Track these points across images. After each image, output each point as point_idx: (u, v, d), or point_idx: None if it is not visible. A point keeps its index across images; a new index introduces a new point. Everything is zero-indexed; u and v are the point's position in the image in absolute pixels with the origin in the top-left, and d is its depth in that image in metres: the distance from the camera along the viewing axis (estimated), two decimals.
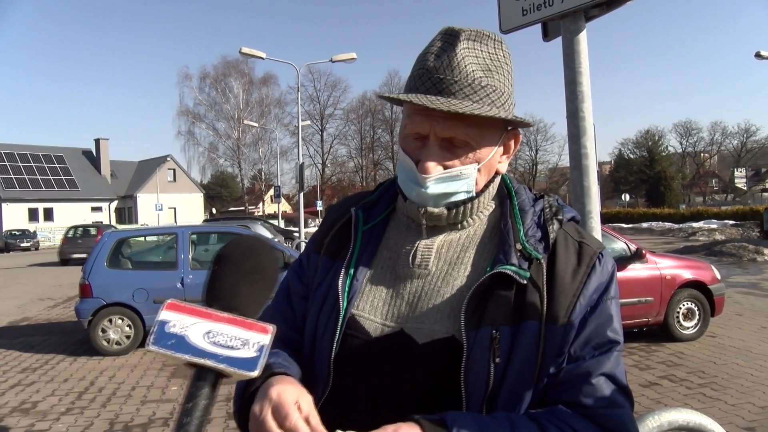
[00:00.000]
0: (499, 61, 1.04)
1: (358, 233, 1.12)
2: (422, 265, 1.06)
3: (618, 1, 2.47)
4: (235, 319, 0.69)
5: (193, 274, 7.98)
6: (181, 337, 0.67)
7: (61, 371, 6.97)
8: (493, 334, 0.95)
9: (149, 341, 0.68)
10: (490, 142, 1.05)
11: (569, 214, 1.09)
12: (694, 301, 7.39)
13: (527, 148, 71.57)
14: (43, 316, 11.19)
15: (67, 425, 5.09)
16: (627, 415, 0.96)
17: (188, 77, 61.65)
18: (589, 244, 1.05)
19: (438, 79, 0.99)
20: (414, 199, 1.07)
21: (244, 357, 0.67)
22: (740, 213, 34.31)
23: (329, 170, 72.47)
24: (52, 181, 51.68)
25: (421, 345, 0.99)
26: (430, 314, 1.01)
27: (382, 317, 1.04)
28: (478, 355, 0.95)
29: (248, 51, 20.04)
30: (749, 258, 17.01)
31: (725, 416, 4.69)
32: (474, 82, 0.99)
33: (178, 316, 0.68)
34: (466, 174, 1.04)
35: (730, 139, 73.74)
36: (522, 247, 1.01)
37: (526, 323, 0.96)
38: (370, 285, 1.08)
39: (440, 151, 1.02)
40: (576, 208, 2.53)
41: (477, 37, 1.03)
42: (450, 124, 0.99)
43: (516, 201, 1.10)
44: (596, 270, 1.02)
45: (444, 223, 1.09)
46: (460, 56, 0.99)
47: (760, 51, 23.44)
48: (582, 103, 2.52)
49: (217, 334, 0.67)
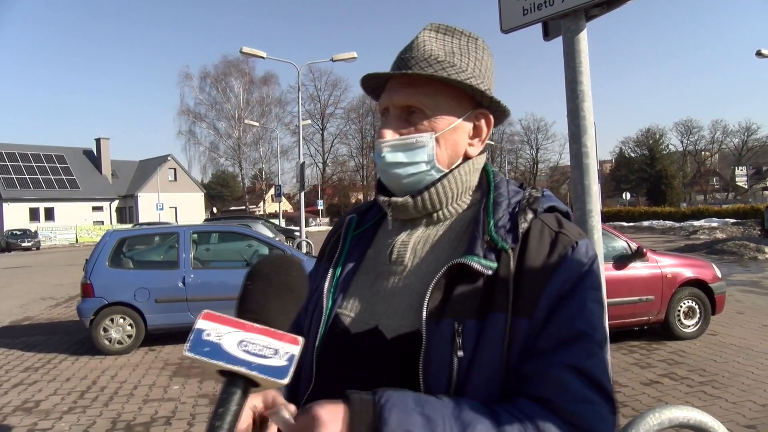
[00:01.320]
0: (467, 49, 1.09)
1: (347, 236, 1.16)
2: (398, 261, 1.07)
3: (618, 1, 2.47)
4: (267, 330, 0.72)
5: (195, 273, 7.99)
6: (216, 345, 0.70)
7: (63, 370, 6.98)
8: (455, 327, 0.92)
9: (186, 348, 0.71)
10: (448, 112, 1.06)
11: (548, 203, 1.05)
12: (695, 299, 7.39)
13: (528, 146, 71.69)
14: (45, 315, 11.20)
15: (70, 424, 5.10)
16: (597, 413, 0.87)
17: (189, 77, 61.86)
18: (567, 234, 1.00)
19: (401, 59, 1.08)
20: (383, 179, 1.11)
21: (275, 365, 0.70)
22: (741, 211, 34.27)
23: (330, 169, 72.55)
24: (53, 180, 51.72)
25: (389, 340, 0.99)
26: (400, 309, 1.01)
27: (361, 314, 1.05)
28: (438, 349, 0.92)
29: (249, 50, 20.03)
30: (750, 256, 16.98)
31: (726, 414, 4.70)
32: (430, 57, 1.05)
33: (214, 325, 0.72)
34: (421, 142, 1.05)
35: (731, 138, 73.88)
36: (489, 238, 0.98)
37: (493, 316, 0.93)
38: (353, 283, 1.10)
39: (398, 121, 1.07)
40: (577, 207, 2.55)
41: (447, 31, 1.10)
42: (405, 92, 1.05)
43: (493, 194, 1.07)
44: (568, 259, 0.96)
45: (415, 214, 1.09)
46: (421, 40, 1.08)
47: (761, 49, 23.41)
48: (582, 102, 2.53)
49: (250, 343, 0.71)
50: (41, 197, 49.74)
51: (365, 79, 1.11)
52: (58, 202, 50.45)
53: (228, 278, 8.17)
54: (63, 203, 50.57)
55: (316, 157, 70.69)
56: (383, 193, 1.12)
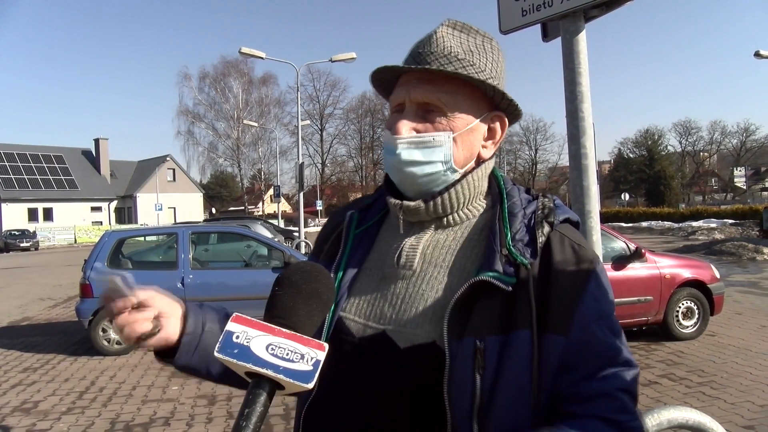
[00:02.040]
0: (484, 49, 1.06)
1: (349, 236, 1.12)
2: (407, 266, 1.04)
3: (617, 2, 2.47)
4: (294, 335, 0.75)
5: (194, 273, 7.98)
6: (245, 347, 0.73)
7: (62, 371, 6.98)
8: (477, 345, 0.91)
9: (216, 349, 0.74)
10: (466, 111, 1.04)
11: (563, 215, 1.03)
12: (693, 300, 7.40)
13: (527, 147, 71.70)
14: (43, 316, 11.19)
15: (68, 425, 5.10)
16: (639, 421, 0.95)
17: (188, 77, 61.85)
18: (587, 249, 1.00)
19: (417, 53, 1.04)
20: (394, 177, 1.08)
21: (300, 370, 0.72)
22: (740, 212, 34.28)
23: (329, 170, 72.59)
24: (52, 181, 51.68)
25: (403, 349, 0.97)
26: (412, 318, 0.99)
27: (366, 318, 1.03)
28: (461, 367, 0.91)
29: (248, 51, 20.04)
30: (749, 257, 17.01)
31: (724, 415, 4.70)
32: (450, 54, 1.02)
33: (243, 328, 0.75)
34: (438, 141, 1.02)
35: (729, 139, 73.91)
36: (508, 252, 0.96)
37: (516, 333, 0.91)
38: (357, 286, 1.07)
39: (414, 117, 1.03)
40: (575, 208, 2.55)
41: (464, 29, 1.07)
42: (424, 88, 1.02)
43: (507, 203, 1.04)
44: (595, 277, 0.97)
45: (425, 217, 1.06)
46: (440, 35, 1.04)
47: (760, 50, 23.44)
48: (581, 103, 2.53)
49: (278, 347, 0.73)
50: (40, 197, 49.70)
51: (379, 70, 1.07)
52: (57, 203, 50.40)
53: (227, 279, 8.18)
54: (62, 203, 50.51)
55: (315, 158, 70.75)
56: (392, 194, 1.09)
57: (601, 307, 0.96)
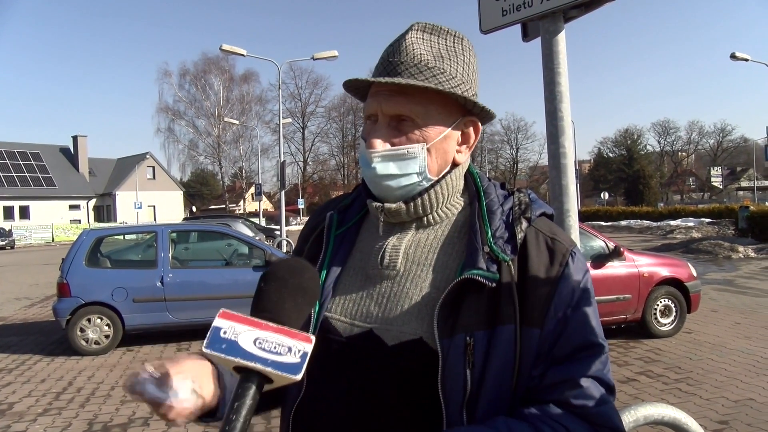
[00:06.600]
0: (455, 51, 1.06)
1: (330, 237, 1.13)
2: (391, 266, 1.05)
3: (597, 3, 2.49)
4: (281, 329, 0.76)
5: (173, 272, 7.90)
6: (233, 342, 0.74)
7: (38, 372, 6.86)
8: (467, 341, 0.94)
9: (204, 345, 0.74)
10: (438, 122, 1.05)
11: (539, 210, 1.06)
12: (671, 298, 7.51)
13: (508, 146, 72.16)
14: (19, 315, 11.00)
15: (45, 426, 5.02)
16: (612, 409, 0.97)
17: (168, 74, 61.02)
18: (561, 241, 1.03)
19: (388, 62, 1.05)
20: (373, 189, 1.09)
21: (288, 362, 0.73)
22: (716, 211, 34.74)
23: (311, 168, 72.29)
24: (29, 178, 50.82)
25: (390, 347, 0.99)
26: (398, 316, 1.01)
27: (352, 318, 1.04)
28: (453, 362, 0.94)
29: (229, 48, 19.87)
30: (724, 255, 17.31)
31: (700, 410, 4.78)
32: (420, 63, 1.02)
33: (231, 323, 0.75)
34: (413, 153, 1.03)
35: (706, 139, 75.25)
36: (490, 250, 0.99)
37: (501, 327, 0.95)
38: (342, 287, 1.08)
39: (388, 129, 1.04)
40: (554, 207, 2.57)
41: (433, 30, 1.07)
42: (395, 100, 1.02)
43: (485, 201, 1.07)
44: (569, 269, 1.00)
45: (406, 218, 1.08)
46: (409, 42, 1.04)
47: (736, 52, 23.84)
48: (560, 103, 2.55)
49: (265, 341, 0.74)
50: (16, 195, 48.85)
51: (350, 82, 1.08)
52: (34, 201, 49.60)
53: (207, 278, 8.11)
54: (39, 201, 49.72)
55: (297, 156, 70.48)
56: (372, 197, 1.10)
57: (574, 297, 1.00)
